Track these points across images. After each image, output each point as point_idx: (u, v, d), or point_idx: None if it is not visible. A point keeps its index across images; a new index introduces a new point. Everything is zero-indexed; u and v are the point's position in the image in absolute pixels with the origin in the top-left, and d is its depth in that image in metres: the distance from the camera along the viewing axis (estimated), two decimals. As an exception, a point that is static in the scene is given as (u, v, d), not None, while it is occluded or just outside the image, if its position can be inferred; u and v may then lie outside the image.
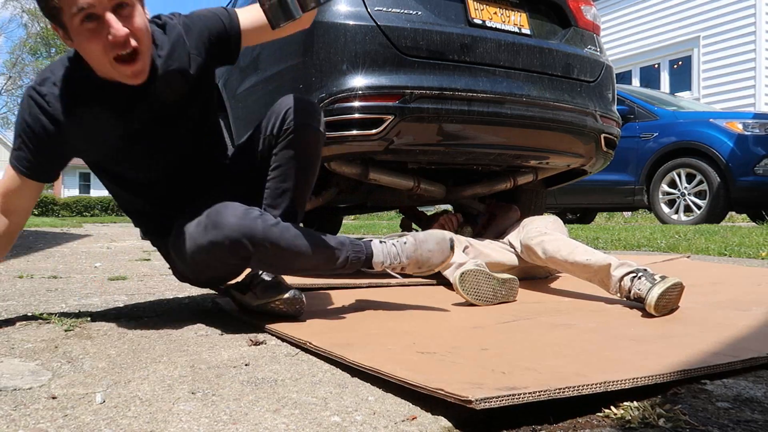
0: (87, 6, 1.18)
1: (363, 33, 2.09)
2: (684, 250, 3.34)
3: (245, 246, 1.35)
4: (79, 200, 20.67)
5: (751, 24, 9.07)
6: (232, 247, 1.35)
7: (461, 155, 2.38)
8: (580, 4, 2.64)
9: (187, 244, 1.42)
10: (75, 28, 1.22)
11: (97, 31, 1.22)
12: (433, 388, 0.87)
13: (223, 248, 1.35)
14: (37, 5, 1.26)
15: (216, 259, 1.40)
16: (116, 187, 1.57)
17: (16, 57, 40.20)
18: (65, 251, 3.95)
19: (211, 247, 1.36)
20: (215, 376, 1.05)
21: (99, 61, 1.27)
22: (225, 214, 1.35)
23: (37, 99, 1.34)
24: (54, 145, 1.37)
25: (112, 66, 1.27)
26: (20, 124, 1.36)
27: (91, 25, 1.21)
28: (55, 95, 1.34)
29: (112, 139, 1.42)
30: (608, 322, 1.48)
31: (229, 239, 1.33)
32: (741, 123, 5.38)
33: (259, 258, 1.40)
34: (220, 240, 1.34)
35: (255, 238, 1.35)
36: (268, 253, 1.39)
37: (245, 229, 1.34)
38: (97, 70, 1.31)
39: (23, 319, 1.53)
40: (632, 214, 9.35)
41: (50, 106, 1.33)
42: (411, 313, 1.64)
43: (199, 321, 1.57)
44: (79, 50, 1.29)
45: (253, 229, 1.35)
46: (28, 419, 0.83)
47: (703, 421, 0.83)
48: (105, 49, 1.24)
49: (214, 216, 1.36)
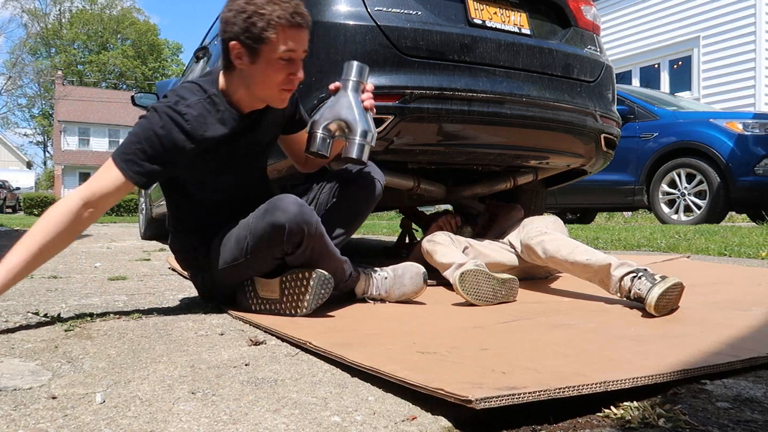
0: (294, 50, 1.49)
1: (363, 33, 2.08)
2: (684, 250, 3.35)
3: (301, 232, 1.50)
4: (79, 200, 20.65)
5: (751, 24, 9.07)
6: (290, 232, 1.49)
7: (461, 155, 2.38)
8: (580, 4, 2.64)
9: (238, 233, 1.58)
10: (270, 59, 1.48)
11: (287, 67, 1.50)
12: (433, 388, 0.87)
13: (281, 232, 1.49)
14: (244, 26, 1.44)
15: (264, 249, 1.54)
16: (183, 199, 1.71)
17: (16, 57, 40.20)
18: (65, 251, 3.94)
19: (270, 229, 1.50)
20: (215, 376, 1.05)
21: (271, 86, 1.53)
22: (286, 201, 1.51)
23: (175, 117, 1.49)
24: (175, 158, 1.52)
25: (279, 93, 1.55)
26: (146, 135, 1.49)
27: (285, 62, 1.50)
28: (193, 115, 1.51)
29: (218, 159, 1.62)
30: (608, 322, 1.48)
31: (290, 222, 1.48)
32: (741, 123, 5.38)
33: (307, 248, 1.54)
34: (281, 222, 1.48)
35: (311, 227, 1.51)
36: (315, 246, 1.56)
37: (306, 216, 1.50)
38: (259, 91, 1.56)
39: (23, 319, 1.53)
40: (632, 214, 9.34)
41: (188, 124, 1.50)
42: (411, 313, 1.64)
43: (199, 321, 1.57)
44: (256, 72, 1.51)
45: (310, 219, 1.51)
46: (28, 419, 0.83)
47: (703, 421, 0.83)
48: (284, 81, 1.52)
49: (275, 202, 1.53)
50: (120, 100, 34.03)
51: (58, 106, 33.63)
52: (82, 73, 44.44)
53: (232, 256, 1.61)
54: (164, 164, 1.51)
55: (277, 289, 1.59)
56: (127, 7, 46.78)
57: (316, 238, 1.55)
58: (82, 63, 45.16)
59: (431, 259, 2.06)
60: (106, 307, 1.75)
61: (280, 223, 1.49)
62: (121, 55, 43.96)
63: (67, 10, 45.47)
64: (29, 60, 42.79)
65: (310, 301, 1.54)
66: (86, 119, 33.40)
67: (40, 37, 43.83)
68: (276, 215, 1.50)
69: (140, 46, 45.64)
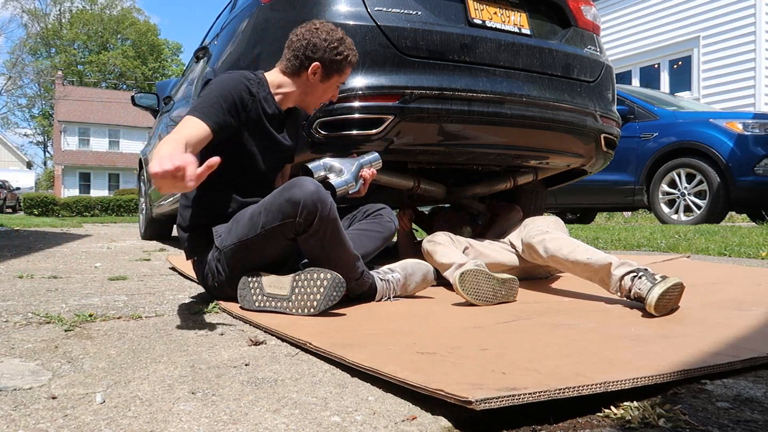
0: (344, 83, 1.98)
1: (363, 33, 2.09)
2: (684, 250, 3.35)
3: (315, 210, 1.57)
4: (79, 200, 20.62)
5: (750, 24, 9.07)
6: (304, 206, 1.57)
7: (461, 155, 2.38)
8: (580, 4, 2.64)
9: (254, 209, 1.68)
10: (332, 83, 1.91)
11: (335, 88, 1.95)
12: (433, 388, 0.87)
13: (296, 206, 1.57)
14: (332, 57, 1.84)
15: (277, 225, 1.60)
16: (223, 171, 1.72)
17: (16, 57, 40.19)
18: (65, 251, 3.95)
19: (285, 204, 1.59)
20: (215, 376, 1.05)
21: (320, 99, 1.95)
22: (304, 180, 1.62)
23: (246, 82, 1.79)
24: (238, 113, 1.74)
25: (316, 105, 1.98)
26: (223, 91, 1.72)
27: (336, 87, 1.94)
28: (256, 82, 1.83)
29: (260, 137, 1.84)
30: (608, 322, 1.48)
31: (305, 198, 1.57)
32: (741, 123, 5.37)
33: (319, 230, 1.60)
34: (297, 197, 1.57)
35: (324, 207, 1.59)
36: (328, 231, 1.62)
37: (321, 195, 1.59)
38: (310, 99, 1.93)
39: (23, 319, 1.53)
40: (632, 214, 9.35)
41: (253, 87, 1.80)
42: (411, 314, 1.64)
43: (199, 321, 1.57)
44: (318, 87, 1.90)
45: (326, 199, 1.60)
46: (28, 419, 0.83)
47: (703, 421, 0.83)
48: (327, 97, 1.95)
49: (294, 181, 1.63)
50: (120, 101, 34.03)
51: (58, 106, 33.63)
52: (82, 73, 44.45)
53: (245, 231, 1.67)
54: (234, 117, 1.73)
55: (288, 286, 1.60)
56: (127, 8, 46.81)
57: (329, 222, 1.61)
58: (82, 63, 45.17)
59: (431, 260, 2.06)
60: (106, 307, 1.75)
61: (296, 198, 1.58)
62: (121, 56, 43.97)
63: (67, 10, 45.49)
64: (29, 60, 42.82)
65: (320, 302, 1.54)
66: (86, 119, 33.39)
67: (40, 37, 43.84)
68: (293, 191, 1.59)
69: (140, 47, 45.65)
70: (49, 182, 37.85)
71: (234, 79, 1.78)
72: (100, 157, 33.31)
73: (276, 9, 2.29)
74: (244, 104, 1.76)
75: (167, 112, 4.58)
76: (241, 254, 1.69)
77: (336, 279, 1.55)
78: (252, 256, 1.69)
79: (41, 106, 45.07)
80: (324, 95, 1.93)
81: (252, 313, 1.61)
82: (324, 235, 1.62)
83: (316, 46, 1.83)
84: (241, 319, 1.59)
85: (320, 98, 1.94)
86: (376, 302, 1.80)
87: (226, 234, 1.73)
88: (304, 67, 1.86)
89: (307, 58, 1.84)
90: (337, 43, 1.85)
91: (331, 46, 1.84)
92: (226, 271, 1.74)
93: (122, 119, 33.91)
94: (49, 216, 18.44)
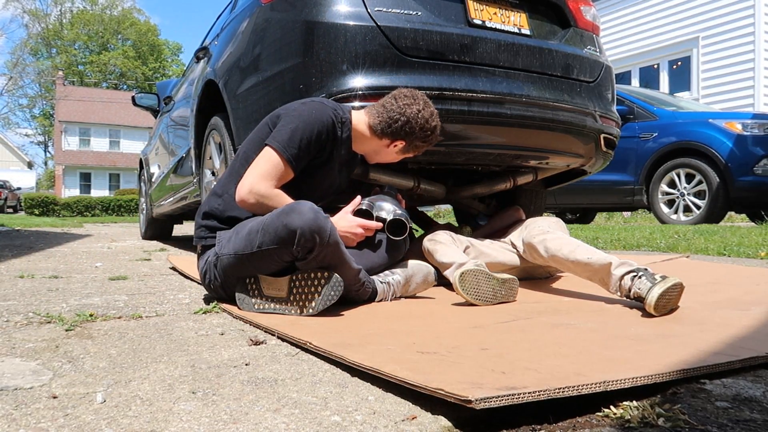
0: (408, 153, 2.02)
1: (363, 33, 2.09)
2: (683, 250, 3.35)
3: (313, 239, 1.53)
4: (80, 200, 20.61)
5: (750, 24, 9.07)
6: (301, 236, 1.53)
7: (461, 155, 2.38)
8: (580, 4, 2.64)
9: (252, 225, 1.64)
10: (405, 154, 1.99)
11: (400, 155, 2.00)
12: (433, 388, 0.87)
13: (293, 235, 1.53)
14: (420, 137, 1.90)
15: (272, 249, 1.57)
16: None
17: (18, 57, 40.20)
18: (66, 251, 3.95)
19: (282, 230, 1.54)
20: (215, 375, 1.05)
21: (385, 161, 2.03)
22: (303, 206, 1.57)
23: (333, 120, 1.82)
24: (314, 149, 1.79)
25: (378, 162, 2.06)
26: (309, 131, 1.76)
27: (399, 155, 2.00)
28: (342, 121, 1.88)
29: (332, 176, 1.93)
30: (608, 322, 1.48)
31: (302, 227, 1.52)
32: (740, 123, 5.37)
33: (319, 255, 1.57)
34: (295, 225, 1.53)
35: (323, 235, 1.54)
36: (328, 254, 1.58)
37: (320, 223, 1.54)
38: (373, 157, 2.02)
39: (24, 319, 1.53)
40: (632, 214, 9.34)
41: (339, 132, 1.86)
42: (411, 314, 1.64)
43: (200, 321, 1.57)
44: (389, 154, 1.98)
45: (324, 226, 1.55)
46: (28, 419, 0.84)
47: (703, 420, 0.83)
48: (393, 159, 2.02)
49: (293, 205, 1.59)
50: (120, 101, 34.04)
51: (58, 106, 33.63)
52: (83, 73, 44.46)
53: (242, 246, 1.64)
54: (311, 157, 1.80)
55: (285, 287, 1.60)
56: (128, 8, 46.81)
57: (329, 247, 1.57)
58: (82, 63, 45.17)
59: (432, 258, 2.06)
60: (106, 307, 1.75)
61: (293, 226, 1.53)
62: (121, 56, 43.98)
63: (68, 10, 45.51)
64: (30, 60, 42.85)
65: (318, 302, 1.54)
66: (87, 119, 33.39)
67: (41, 37, 43.86)
68: (291, 216, 1.55)
69: (141, 47, 45.66)
70: (50, 182, 37.85)
71: (323, 116, 1.78)
72: (100, 157, 33.31)
73: (276, 9, 2.29)
74: (322, 144, 1.79)
75: (168, 112, 4.58)
76: (237, 266, 1.68)
77: (333, 279, 1.55)
78: (247, 269, 1.67)
79: (42, 106, 45.11)
80: (389, 157, 1.99)
81: (252, 312, 1.62)
82: (324, 258, 1.59)
83: (412, 131, 1.88)
84: (241, 319, 1.59)
85: (387, 161, 2.02)
86: (376, 302, 1.80)
87: (226, 242, 1.72)
88: (390, 138, 1.91)
89: (397, 134, 1.89)
90: (430, 132, 1.90)
91: (423, 135, 1.89)
92: (222, 277, 1.73)
93: (123, 119, 33.90)
94: (50, 216, 18.44)
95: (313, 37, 2.10)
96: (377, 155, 1.99)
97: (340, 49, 2.05)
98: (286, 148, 1.73)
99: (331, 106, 1.84)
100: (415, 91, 1.92)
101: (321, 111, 1.79)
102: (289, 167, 1.75)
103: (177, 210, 4.37)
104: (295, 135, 1.73)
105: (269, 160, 1.74)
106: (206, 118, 3.01)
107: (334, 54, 2.06)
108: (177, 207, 4.21)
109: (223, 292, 1.77)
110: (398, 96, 1.88)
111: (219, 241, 1.75)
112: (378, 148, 1.96)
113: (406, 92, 1.89)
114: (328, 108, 1.81)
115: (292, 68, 2.14)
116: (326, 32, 2.08)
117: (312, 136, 1.75)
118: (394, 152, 1.96)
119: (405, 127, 1.86)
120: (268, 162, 1.74)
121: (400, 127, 1.87)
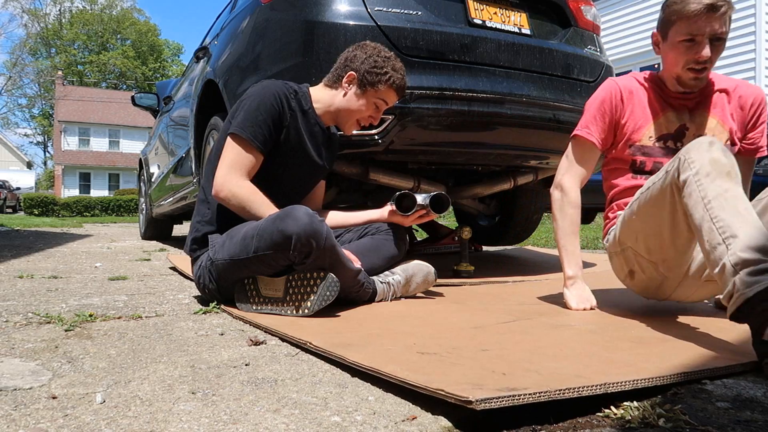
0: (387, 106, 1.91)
1: (363, 33, 2.09)
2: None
3: (309, 245, 1.52)
4: (80, 200, 20.60)
5: (751, 24, 9.07)
6: (297, 242, 1.51)
7: (461, 155, 2.38)
8: (580, 4, 2.64)
9: (247, 231, 1.62)
10: (366, 95, 1.85)
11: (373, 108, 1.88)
12: (434, 388, 0.87)
13: (289, 241, 1.51)
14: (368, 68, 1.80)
15: (268, 254, 1.56)
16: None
17: (17, 57, 40.22)
18: (65, 251, 3.95)
19: (278, 236, 1.53)
20: (215, 376, 1.05)
21: (353, 115, 1.88)
22: (298, 211, 1.55)
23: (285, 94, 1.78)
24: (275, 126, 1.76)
25: (356, 124, 1.91)
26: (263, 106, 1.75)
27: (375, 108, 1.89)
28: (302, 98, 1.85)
29: (306, 155, 1.87)
30: (608, 324, 1.48)
31: (298, 233, 1.50)
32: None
33: (317, 259, 1.55)
34: (290, 232, 1.51)
35: (320, 239, 1.53)
36: (326, 258, 1.57)
37: (315, 227, 1.52)
38: (339, 114, 1.88)
39: (24, 319, 1.53)
40: (632, 214, 9.33)
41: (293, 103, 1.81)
42: (411, 314, 1.64)
43: (199, 321, 1.57)
44: (349, 101, 1.85)
45: (320, 230, 1.53)
46: (28, 419, 0.83)
47: (703, 421, 0.83)
48: (365, 118, 1.90)
49: (288, 210, 1.57)
50: (120, 101, 34.04)
51: (58, 106, 33.63)
52: (82, 73, 44.45)
53: (236, 251, 1.63)
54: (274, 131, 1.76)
55: (282, 288, 1.60)
56: (128, 8, 46.82)
57: (326, 251, 1.56)
58: (82, 63, 45.17)
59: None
60: (106, 307, 1.75)
61: (288, 232, 1.51)
62: (121, 56, 43.97)
63: (68, 10, 45.50)
64: (29, 60, 42.86)
65: (314, 302, 1.54)
66: (86, 119, 33.39)
67: (40, 37, 43.86)
68: (286, 222, 1.53)
69: (140, 47, 45.65)
70: (49, 182, 37.85)
71: (271, 90, 1.77)
72: (100, 157, 33.31)
73: (276, 9, 2.29)
74: (278, 114, 1.76)
75: (167, 112, 4.58)
76: (232, 271, 1.67)
77: (329, 278, 1.54)
78: (243, 273, 1.66)
79: (41, 106, 45.13)
80: (360, 113, 1.87)
81: (251, 313, 1.61)
82: (322, 262, 1.58)
83: (356, 57, 1.84)
84: (241, 319, 1.59)
85: (355, 114, 1.87)
86: (377, 302, 1.80)
87: (219, 247, 1.70)
88: (341, 78, 1.85)
89: (344, 68, 1.85)
90: (380, 60, 1.82)
91: (371, 59, 1.82)
92: (217, 282, 1.73)
93: (122, 119, 33.90)
94: (49, 216, 18.44)
95: (313, 37, 2.10)
96: (343, 112, 1.88)
97: (340, 48, 2.05)
98: (244, 128, 1.72)
99: (281, 82, 1.82)
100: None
101: (270, 85, 1.78)
102: (252, 148, 1.73)
103: (177, 210, 4.37)
104: (249, 114, 1.73)
105: (233, 148, 1.73)
106: (206, 117, 3.01)
107: (335, 53, 2.05)
108: (177, 207, 4.21)
109: (219, 296, 1.77)
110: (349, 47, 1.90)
111: (212, 246, 1.74)
112: (338, 101, 1.87)
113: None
114: (278, 82, 1.81)
115: (292, 68, 2.14)
116: (326, 32, 2.08)
117: (266, 109, 1.73)
118: (355, 100, 1.85)
119: (350, 57, 1.85)
120: (232, 150, 1.73)
121: (345, 60, 1.86)
